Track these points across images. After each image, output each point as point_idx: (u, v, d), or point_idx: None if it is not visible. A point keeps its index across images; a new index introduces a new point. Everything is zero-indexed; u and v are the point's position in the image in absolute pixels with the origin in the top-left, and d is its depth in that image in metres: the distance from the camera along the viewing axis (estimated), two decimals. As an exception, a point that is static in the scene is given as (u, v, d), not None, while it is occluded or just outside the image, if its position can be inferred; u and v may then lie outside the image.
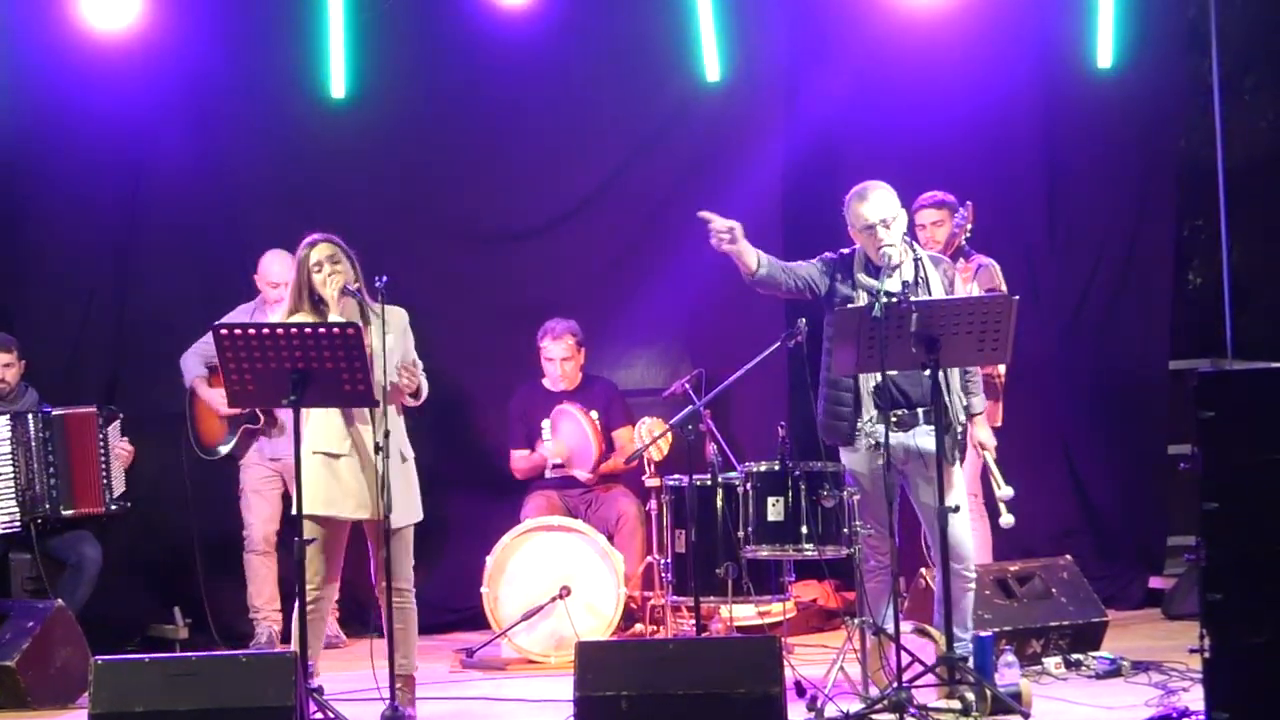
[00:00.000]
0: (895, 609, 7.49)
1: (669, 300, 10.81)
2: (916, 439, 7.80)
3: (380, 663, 7.70)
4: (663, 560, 9.28)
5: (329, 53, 10.66)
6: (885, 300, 7.31)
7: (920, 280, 7.81)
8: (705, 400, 8.79)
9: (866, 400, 7.81)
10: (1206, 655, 6.50)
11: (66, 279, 10.69)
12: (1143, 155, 10.87)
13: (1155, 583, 10.63)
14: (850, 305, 7.67)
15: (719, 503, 8.93)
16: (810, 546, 8.23)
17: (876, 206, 7.78)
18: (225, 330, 7.28)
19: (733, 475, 8.88)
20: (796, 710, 7.38)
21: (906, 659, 7.41)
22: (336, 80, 10.68)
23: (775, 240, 10.50)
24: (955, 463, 7.79)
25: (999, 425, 8.89)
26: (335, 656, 9.33)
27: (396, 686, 7.55)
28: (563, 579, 9.32)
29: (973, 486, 8.94)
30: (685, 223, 10.71)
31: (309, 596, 7.56)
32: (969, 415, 8.12)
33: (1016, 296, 7.51)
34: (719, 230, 7.75)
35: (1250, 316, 12.07)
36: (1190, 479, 6.64)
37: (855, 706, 7.47)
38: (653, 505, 9.49)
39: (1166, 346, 10.90)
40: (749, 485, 8.41)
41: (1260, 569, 6.49)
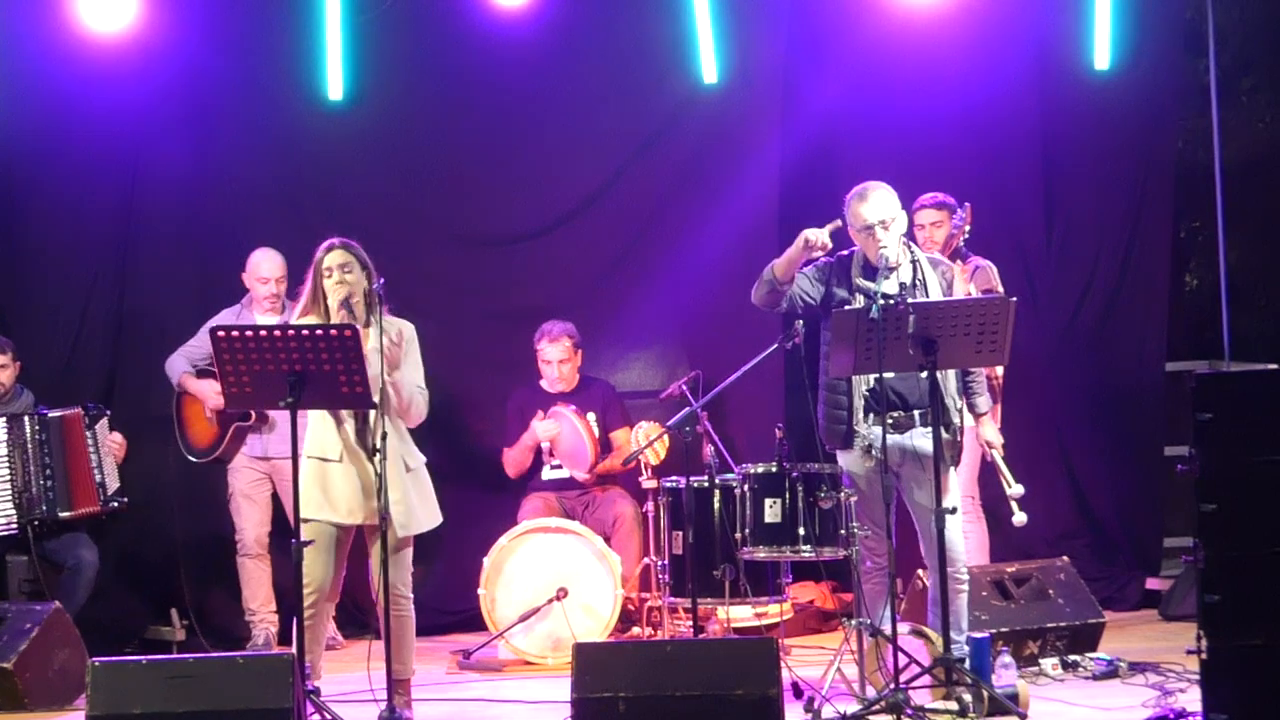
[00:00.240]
0: (893, 610, 7.49)
1: (666, 302, 10.83)
2: (913, 441, 7.79)
3: (376, 665, 7.70)
4: (660, 562, 9.28)
5: (326, 54, 10.65)
6: (883, 302, 7.32)
7: (918, 282, 7.81)
8: (703, 402, 8.79)
9: (861, 402, 7.81)
10: (1204, 657, 6.51)
11: (63, 280, 10.68)
12: (1140, 157, 10.87)
13: (1152, 584, 10.63)
14: (848, 308, 7.67)
15: (716, 504, 8.93)
16: (808, 548, 8.24)
17: (876, 207, 7.78)
18: (223, 332, 7.27)
19: (730, 477, 8.88)
20: (794, 711, 7.40)
21: (904, 660, 7.41)
22: (334, 82, 10.68)
23: (771, 242, 10.50)
24: (951, 465, 7.79)
25: (998, 426, 8.88)
26: (333, 658, 9.30)
27: (393, 689, 7.54)
28: (560, 581, 9.31)
29: (970, 488, 8.95)
30: (683, 225, 10.82)
31: (307, 601, 7.56)
32: (975, 415, 8.14)
33: (1014, 298, 7.51)
34: (821, 241, 7.77)
35: (1247, 318, 12.09)
36: (1187, 480, 6.65)
37: (852, 708, 7.47)
38: (650, 507, 9.49)
39: (1163, 348, 10.91)
40: (746, 487, 8.42)
41: (1258, 570, 6.51)
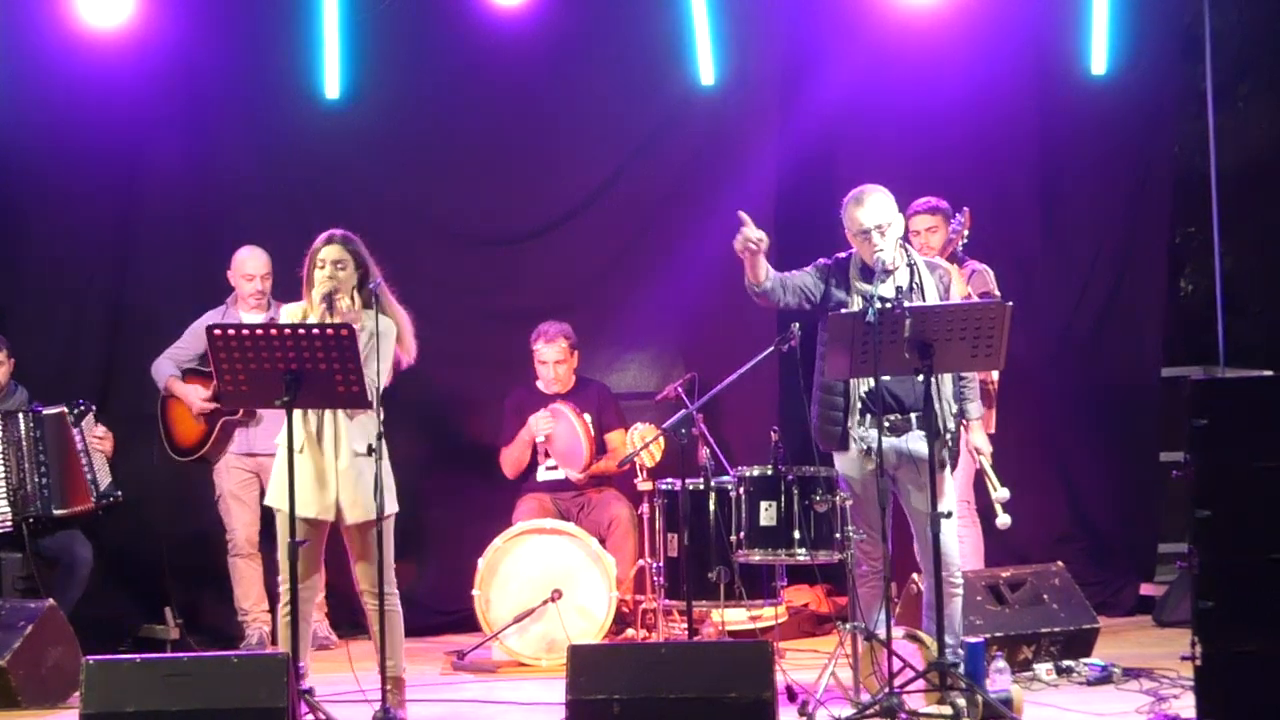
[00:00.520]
0: (887, 614, 7.49)
1: (663, 304, 10.83)
2: (909, 444, 7.79)
3: (362, 664, 7.70)
4: (655, 564, 9.28)
5: (324, 52, 10.68)
6: (879, 305, 7.31)
7: (915, 286, 7.80)
8: (698, 404, 8.78)
9: (857, 405, 7.80)
10: (1198, 663, 6.51)
11: (59, 277, 10.69)
12: (1136, 162, 10.88)
13: (1146, 590, 10.64)
14: (844, 310, 7.66)
15: (712, 507, 8.93)
16: (803, 551, 8.25)
17: (872, 211, 7.77)
18: (219, 330, 7.27)
19: (725, 479, 8.88)
20: (788, 715, 7.41)
21: (898, 664, 7.41)
22: (331, 80, 10.69)
23: (768, 246, 10.53)
24: (947, 468, 7.78)
25: (992, 432, 8.88)
26: (328, 658, 9.33)
27: (386, 689, 7.51)
28: (554, 582, 9.31)
29: (965, 493, 8.94)
30: (680, 226, 10.82)
31: (285, 599, 7.56)
32: (966, 420, 8.13)
33: (1010, 303, 7.49)
34: (750, 237, 7.69)
35: (1242, 324, 12.11)
36: (1182, 486, 6.65)
37: (846, 711, 7.46)
38: (645, 509, 9.49)
39: (1159, 353, 10.91)
40: (742, 489, 8.43)
41: (1252, 577, 6.51)
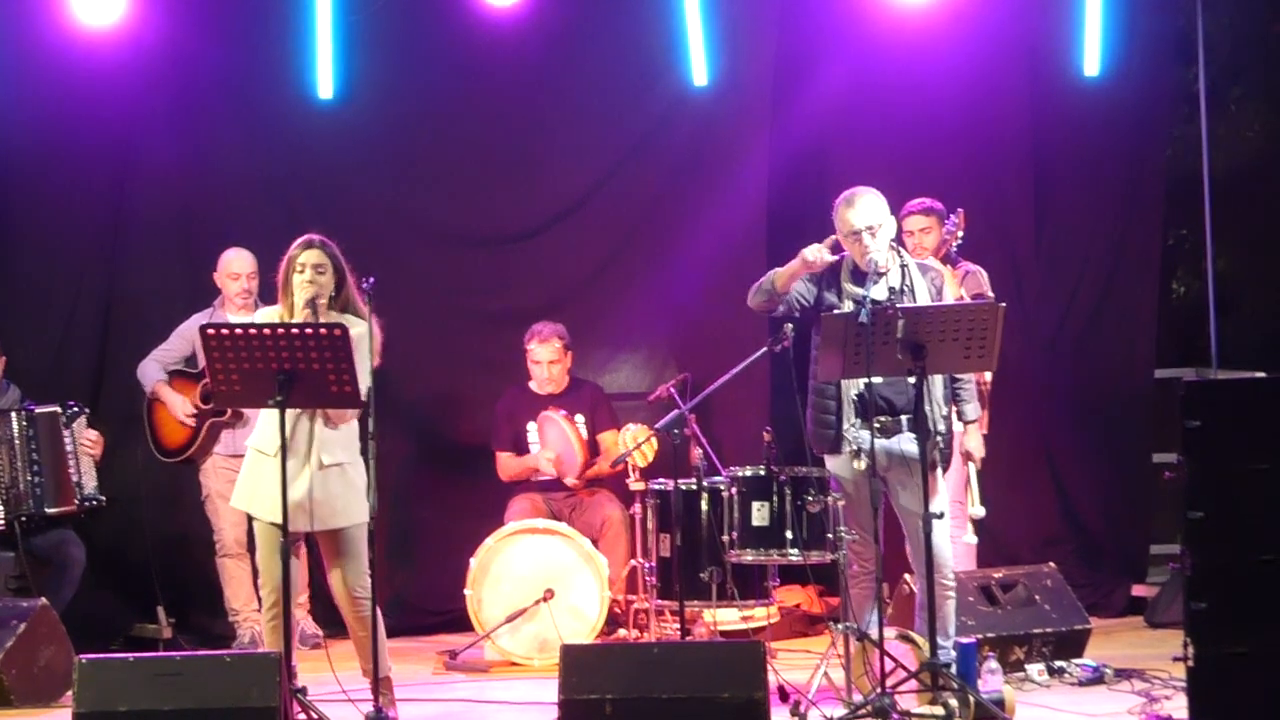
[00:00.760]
0: (880, 614, 7.49)
1: (655, 304, 10.84)
2: (901, 445, 7.79)
3: (346, 664, 7.79)
4: (647, 564, 9.28)
5: (317, 53, 10.66)
6: (871, 306, 7.32)
7: (906, 287, 7.80)
8: (691, 405, 8.79)
9: (849, 407, 7.80)
10: (1190, 663, 6.52)
11: (51, 276, 10.69)
12: (1129, 164, 10.89)
13: (1138, 591, 10.64)
14: (836, 312, 7.66)
15: (704, 507, 8.95)
16: (795, 552, 8.27)
17: (863, 213, 7.77)
18: (212, 330, 7.25)
19: (718, 480, 8.89)
20: (780, 715, 7.40)
21: (890, 665, 7.41)
22: (324, 80, 10.69)
23: (760, 245, 10.58)
24: (939, 469, 7.78)
25: (985, 433, 8.88)
26: (318, 658, 9.30)
27: (377, 689, 7.52)
28: (547, 582, 9.31)
29: (957, 493, 8.94)
30: (672, 227, 10.83)
31: (267, 601, 7.59)
32: (963, 423, 8.13)
33: (1003, 304, 7.50)
34: (826, 259, 7.81)
35: (1234, 326, 12.11)
36: (1174, 487, 6.66)
37: (838, 712, 7.47)
38: (637, 509, 9.50)
39: (1151, 355, 10.91)
40: (734, 490, 8.44)
41: (1244, 578, 6.53)
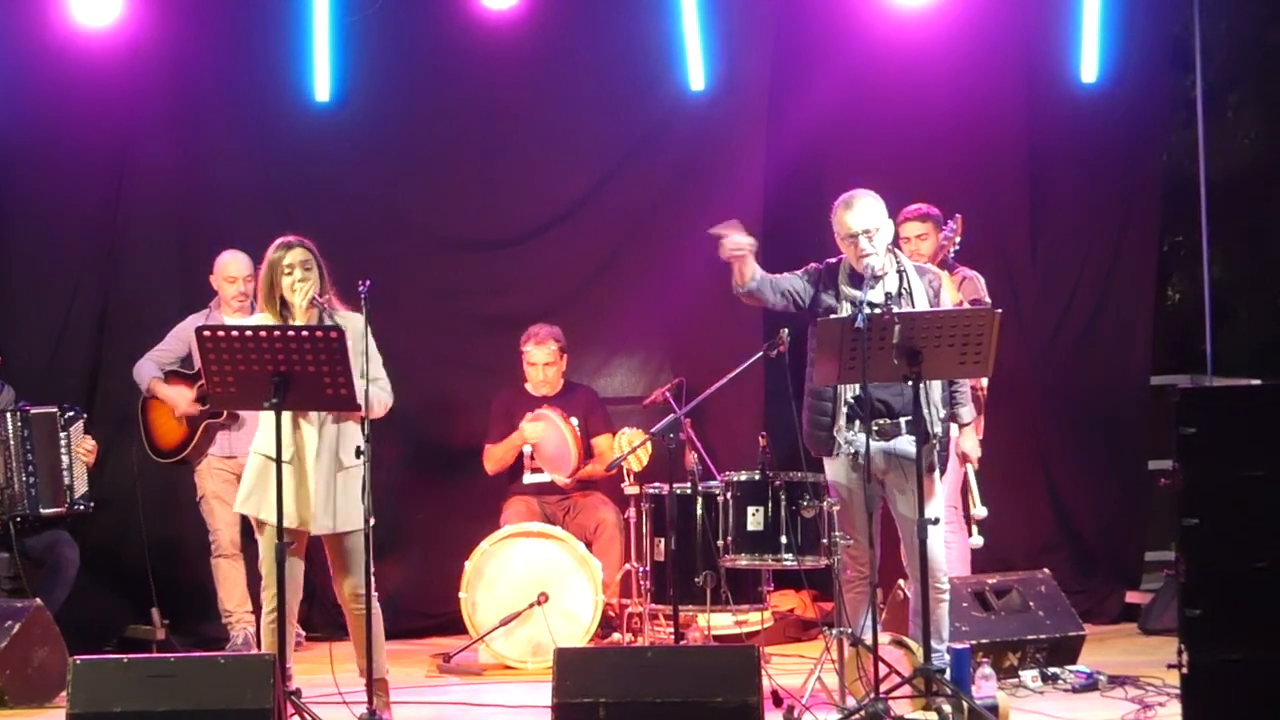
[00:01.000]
0: (874, 620, 7.49)
1: (650, 308, 10.85)
2: (897, 448, 7.78)
3: (343, 666, 7.77)
4: (641, 568, 9.28)
5: (314, 56, 10.67)
6: (868, 311, 7.31)
7: (904, 292, 7.78)
8: (686, 409, 8.79)
9: (845, 411, 7.80)
10: (1185, 670, 6.52)
11: (47, 277, 10.70)
12: (1125, 170, 10.88)
13: (1132, 597, 10.64)
14: (832, 316, 7.65)
15: (699, 511, 8.95)
16: (790, 556, 8.28)
17: (860, 216, 7.75)
18: (208, 331, 7.24)
19: (713, 484, 8.89)
20: (773, 719, 7.40)
21: (884, 670, 7.41)
22: (321, 84, 10.70)
23: (756, 248, 10.53)
24: (934, 474, 7.78)
25: (980, 438, 8.89)
26: (310, 659, 9.32)
27: (372, 691, 7.52)
28: (541, 585, 9.30)
29: (953, 498, 8.94)
30: (668, 231, 10.83)
31: (267, 605, 7.56)
32: (959, 426, 8.13)
33: (999, 309, 7.50)
34: (740, 243, 7.71)
35: (1229, 332, 12.12)
36: (1167, 494, 6.66)
37: (832, 717, 7.48)
38: (631, 513, 9.50)
39: (1147, 362, 10.91)
40: (729, 494, 8.44)
41: (1239, 585, 6.51)
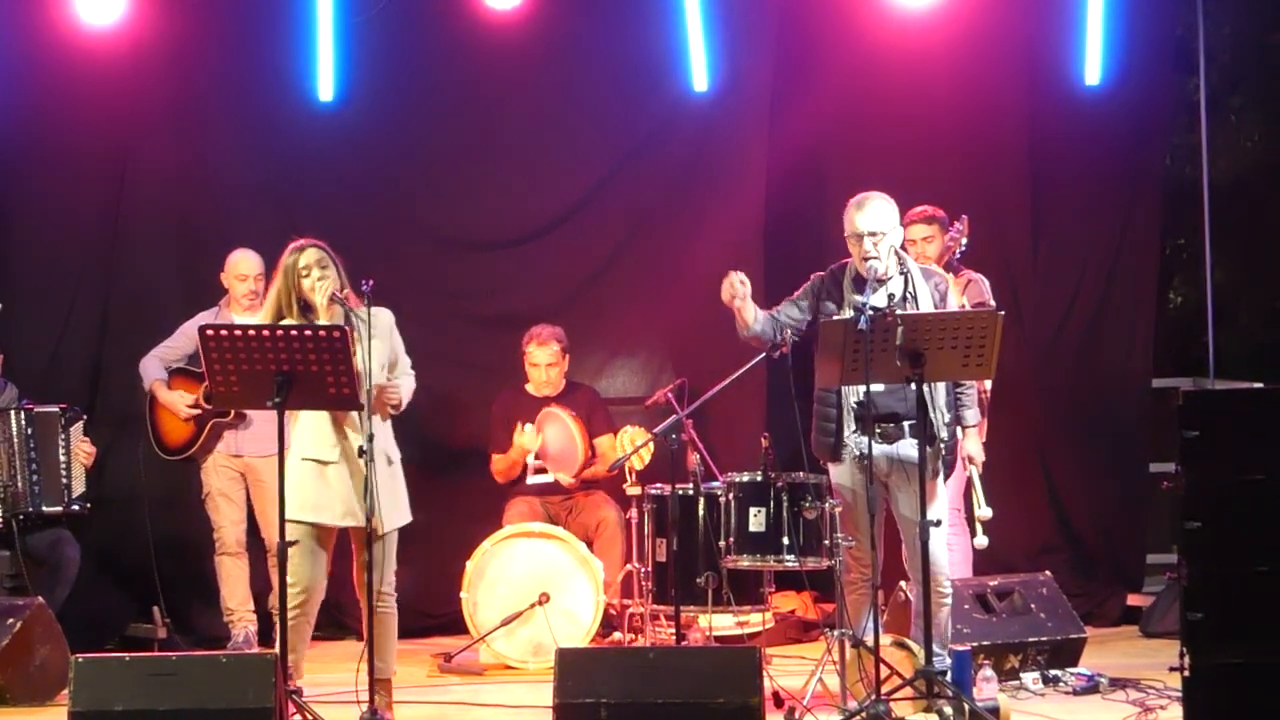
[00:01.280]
0: (875, 621, 7.49)
1: (652, 309, 10.85)
2: (901, 451, 7.79)
3: (347, 665, 7.77)
4: (643, 568, 9.29)
5: (318, 55, 10.67)
6: (871, 313, 7.31)
7: (909, 295, 7.78)
8: (688, 410, 8.79)
9: (848, 414, 7.80)
10: (1186, 674, 6.52)
11: (49, 275, 10.70)
12: (1128, 173, 10.87)
13: (1133, 600, 10.63)
14: (835, 318, 7.65)
15: (701, 512, 8.96)
16: (791, 558, 8.27)
17: (869, 218, 7.74)
18: (211, 331, 7.25)
19: (715, 485, 8.89)
20: (775, 721, 7.42)
21: (885, 672, 7.41)
22: (325, 83, 10.70)
23: (758, 250, 10.56)
24: (938, 477, 7.78)
25: (984, 441, 8.88)
26: (314, 658, 9.30)
27: (375, 690, 7.54)
28: (542, 585, 9.30)
29: (956, 501, 8.94)
30: (670, 232, 10.83)
31: (294, 601, 7.59)
32: (962, 428, 8.13)
33: (1002, 311, 7.50)
34: (733, 283, 7.76)
35: (1230, 335, 12.12)
36: (1169, 497, 6.67)
37: (833, 718, 7.48)
38: (633, 513, 9.50)
39: (1149, 365, 10.90)
40: (731, 495, 8.44)
41: (1241, 588, 6.53)
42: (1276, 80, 12.52)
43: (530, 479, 10.12)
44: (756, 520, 8.32)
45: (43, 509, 9.63)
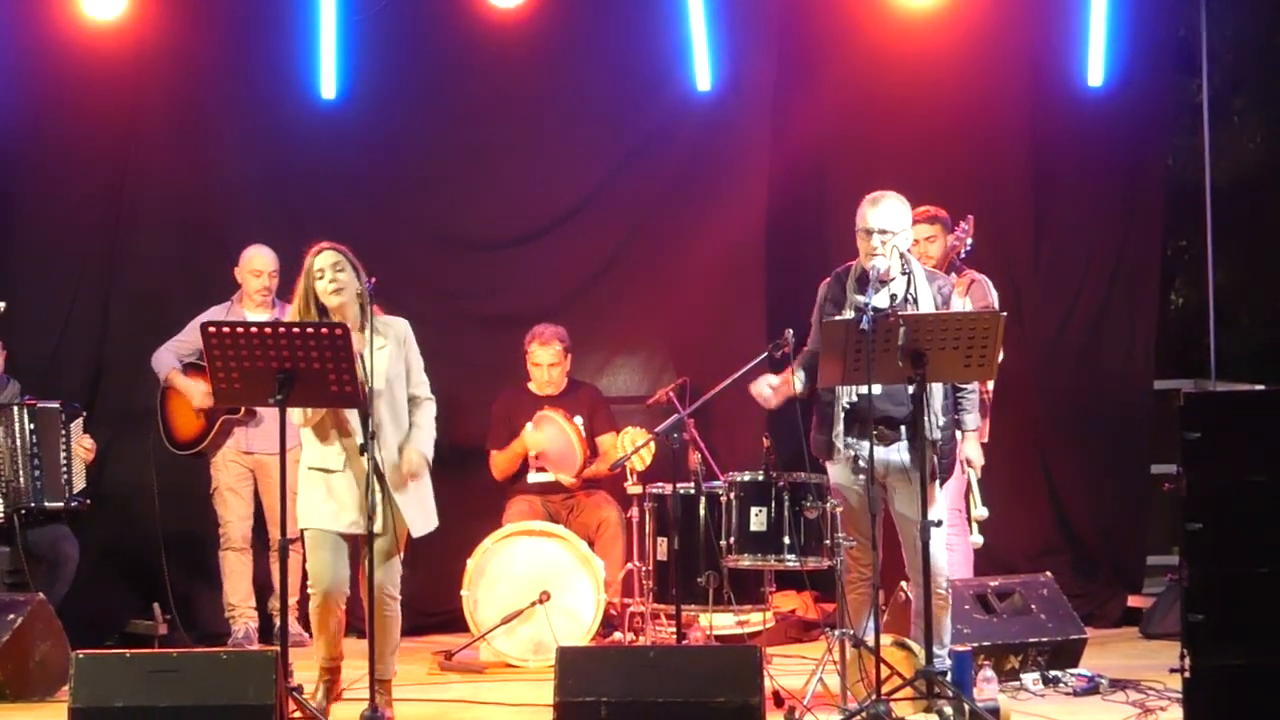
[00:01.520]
0: (876, 621, 7.49)
1: (654, 308, 10.85)
2: (899, 454, 7.78)
3: (358, 663, 7.76)
4: (644, 567, 9.29)
5: (320, 53, 10.69)
6: (873, 313, 7.31)
7: (910, 296, 7.78)
8: (690, 409, 8.79)
9: (839, 415, 7.79)
10: (1187, 675, 6.53)
11: (51, 272, 10.71)
12: (1130, 174, 10.87)
13: (1134, 601, 10.63)
14: (837, 318, 7.65)
15: (702, 511, 8.96)
16: (792, 557, 8.27)
17: (879, 216, 7.71)
18: (213, 328, 7.26)
19: (716, 484, 8.89)
20: (775, 720, 7.42)
21: (885, 672, 7.41)
22: (327, 81, 10.71)
23: (759, 250, 10.56)
24: (936, 479, 7.78)
25: (985, 442, 8.87)
26: (310, 657, 9.30)
27: (375, 689, 7.54)
28: (542, 584, 9.30)
29: (956, 501, 8.93)
30: (672, 231, 10.82)
31: (315, 601, 7.68)
32: (961, 431, 8.13)
33: (1004, 313, 7.50)
34: (766, 398, 7.95)
35: (1232, 337, 12.11)
36: (1170, 498, 6.67)
37: (834, 718, 7.48)
38: (634, 512, 9.50)
39: (1150, 366, 10.90)
40: (732, 495, 8.44)
41: (1242, 590, 6.53)
42: (1279, 81, 12.51)
43: (531, 477, 10.12)
44: (757, 520, 8.33)
45: (44, 504, 9.65)
